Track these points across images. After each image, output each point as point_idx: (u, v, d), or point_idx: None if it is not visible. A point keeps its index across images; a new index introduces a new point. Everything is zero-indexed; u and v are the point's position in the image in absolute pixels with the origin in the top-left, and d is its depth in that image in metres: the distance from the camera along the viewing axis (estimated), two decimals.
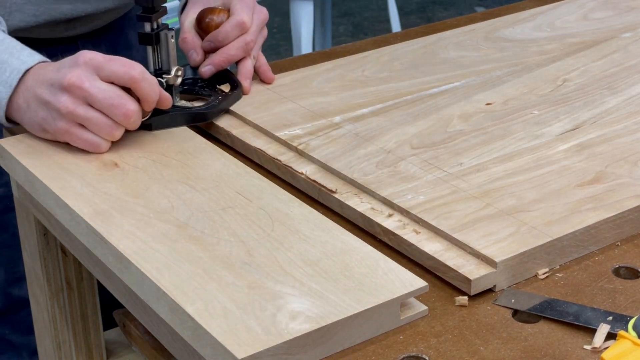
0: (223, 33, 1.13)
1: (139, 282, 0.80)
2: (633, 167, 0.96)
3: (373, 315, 0.76)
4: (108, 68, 0.95)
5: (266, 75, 1.17)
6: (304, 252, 0.82)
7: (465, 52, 1.28)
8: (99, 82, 0.95)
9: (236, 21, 1.13)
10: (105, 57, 0.96)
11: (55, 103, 0.95)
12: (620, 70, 1.20)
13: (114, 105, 0.95)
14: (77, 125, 0.96)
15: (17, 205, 1.10)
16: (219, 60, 1.14)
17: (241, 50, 1.14)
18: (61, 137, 0.98)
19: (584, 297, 0.80)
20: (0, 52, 0.99)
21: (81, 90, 0.95)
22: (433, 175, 0.95)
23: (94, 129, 0.96)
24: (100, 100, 0.95)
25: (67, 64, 0.96)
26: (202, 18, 1.16)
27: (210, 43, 1.14)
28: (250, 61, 1.16)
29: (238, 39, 1.14)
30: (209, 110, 1.08)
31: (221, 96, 1.11)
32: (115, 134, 0.97)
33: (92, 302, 1.14)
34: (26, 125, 1.00)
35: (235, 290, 0.77)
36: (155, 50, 1.08)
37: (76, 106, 0.95)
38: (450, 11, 4.39)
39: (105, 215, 0.87)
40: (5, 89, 0.99)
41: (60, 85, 0.95)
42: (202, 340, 0.73)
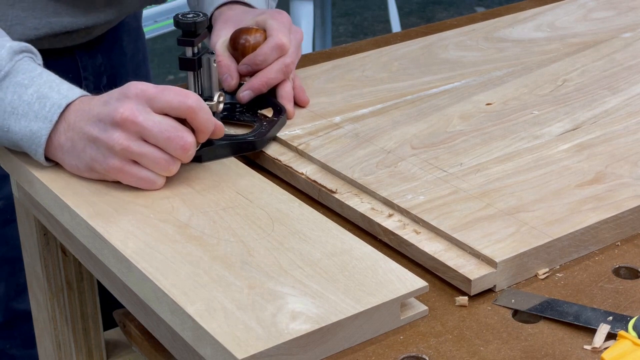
0: (262, 55, 1.07)
1: (140, 282, 0.80)
2: (633, 167, 0.96)
3: (373, 315, 0.76)
4: (162, 99, 0.89)
5: (301, 97, 1.11)
6: (304, 252, 0.82)
7: (465, 52, 1.28)
8: (152, 115, 0.89)
9: (275, 43, 1.07)
10: (158, 88, 0.90)
11: (106, 140, 0.89)
12: (620, 70, 1.20)
13: (171, 139, 0.89)
14: (131, 162, 0.90)
15: (17, 205, 1.10)
16: (258, 85, 1.07)
17: (281, 74, 1.08)
18: (112, 176, 0.91)
19: (584, 297, 0.80)
20: (39, 85, 0.92)
21: (135, 125, 0.88)
22: (433, 175, 0.95)
23: (149, 164, 0.90)
24: (155, 134, 0.88)
25: (115, 97, 0.90)
26: (236, 39, 1.09)
27: (248, 66, 1.08)
28: (289, 84, 1.10)
29: (277, 62, 1.07)
30: (258, 139, 1.01)
31: (266, 122, 1.05)
32: (171, 169, 0.91)
33: (92, 302, 1.14)
34: (69, 166, 0.93)
35: (236, 291, 0.77)
36: (196, 75, 1.02)
37: (130, 142, 0.88)
38: (450, 11, 4.39)
39: (105, 216, 0.87)
40: (45, 124, 0.91)
41: (112, 120, 0.88)
42: (203, 341, 0.73)
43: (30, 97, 0.92)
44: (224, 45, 1.11)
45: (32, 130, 0.91)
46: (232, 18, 1.15)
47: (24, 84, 0.92)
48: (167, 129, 0.89)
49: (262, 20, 1.11)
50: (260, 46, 1.07)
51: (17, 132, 0.92)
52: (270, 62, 1.07)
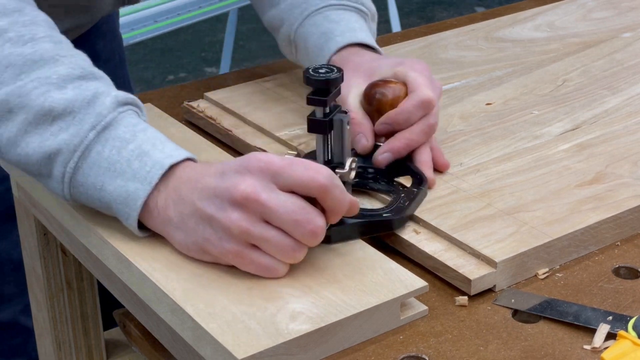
0: (405, 113, 0.93)
1: (139, 282, 0.80)
2: (633, 167, 0.96)
3: (373, 315, 0.76)
4: (289, 174, 0.76)
5: (441, 161, 0.96)
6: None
7: (465, 52, 1.28)
8: (278, 193, 0.76)
9: (421, 99, 0.93)
10: (284, 161, 0.77)
11: (224, 220, 0.76)
12: (620, 70, 1.20)
13: (299, 222, 0.76)
14: (250, 247, 0.77)
15: (17, 205, 1.10)
16: (400, 147, 0.93)
17: (424, 135, 0.94)
18: (227, 260, 0.78)
19: (584, 297, 0.80)
20: (142, 141, 0.81)
21: (257, 204, 0.76)
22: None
23: (272, 250, 0.77)
24: (281, 215, 0.76)
25: (235, 170, 0.78)
26: (371, 93, 0.95)
27: (387, 125, 0.94)
28: (429, 147, 0.95)
29: (420, 122, 0.93)
30: (397, 216, 0.87)
31: (404, 193, 0.90)
32: (297, 256, 0.78)
33: (92, 302, 1.14)
34: (176, 243, 0.81)
35: (236, 291, 0.77)
36: (326, 139, 0.88)
37: (251, 224, 0.76)
38: (450, 11, 4.39)
39: (105, 216, 0.87)
40: (144, 186, 0.80)
41: (230, 197, 0.76)
42: (203, 341, 0.73)
43: (130, 154, 0.81)
44: (356, 100, 0.97)
45: (128, 191, 0.80)
46: (362, 66, 1.00)
47: (125, 139, 0.81)
48: (294, 210, 0.76)
49: (402, 72, 0.96)
50: (401, 102, 0.94)
51: (111, 191, 0.81)
52: (414, 121, 0.93)
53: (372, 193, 0.93)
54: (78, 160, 0.81)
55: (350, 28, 1.04)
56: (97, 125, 0.81)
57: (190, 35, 3.99)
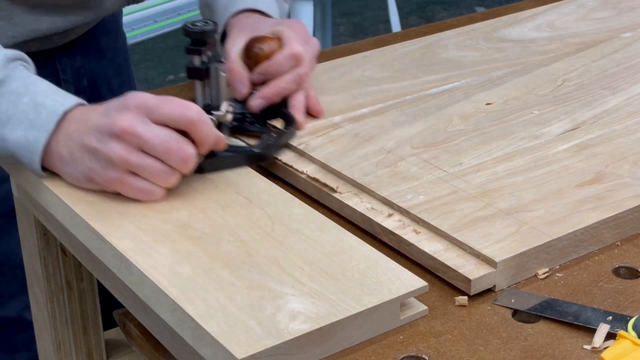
0: (276, 65, 1.05)
1: (139, 282, 0.80)
2: (633, 167, 0.96)
3: (373, 315, 0.76)
4: (162, 110, 0.87)
5: (316, 109, 1.08)
6: (304, 252, 0.82)
7: (465, 52, 1.28)
8: (152, 127, 0.87)
9: (291, 52, 1.05)
10: (158, 99, 0.88)
11: (105, 151, 0.87)
12: (620, 70, 1.20)
13: (171, 150, 0.87)
14: (130, 174, 0.88)
15: (17, 205, 1.10)
16: (271, 94, 1.05)
17: (294, 84, 1.06)
18: (111, 187, 0.89)
19: (584, 297, 0.80)
20: (34, 94, 0.91)
21: (134, 136, 0.86)
22: (433, 175, 0.95)
23: (149, 176, 0.88)
24: (155, 145, 0.87)
25: (115, 108, 0.88)
26: (250, 47, 1.07)
27: (261, 75, 1.06)
28: (302, 94, 1.07)
29: (292, 72, 1.05)
30: (265, 150, 0.99)
31: (275, 133, 1.03)
32: (171, 181, 0.89)
33: (92, 302, 1.14)
34: (68, 176, 0.92)
35: (235, 291, 0.77)
36: (204, 85, 1.01)
37: (129, 153, 0.87)
38: (450, 11, 4.39)
39: (105, 216, 0.87)
40: (42, 133, 0.90)
41: (110, 131, 0.87)
42: (202, 341, 0.73)
43: (26, 106, 0.90)
44: (238, 54, 1.09)
45: (28, 139, 0.90)
46: (247, 26, 1.13)
47: (19, 93, 0.91)
48: (167, 140, 0.87)
49: (279, 30, 1.09)
50: (274, 55, 1.06)
51: (12, 141, 0.91)
52: (284, 72, 1.05)
53: (251, 134, 1.05)
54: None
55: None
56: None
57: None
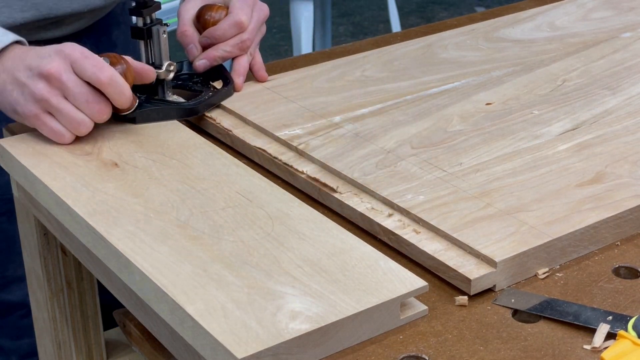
0: (220, 30, 1.14)
1: (139, 282, 0.80)
2: (633, 167, 0.96)
3: (373, 315, 0.76)
4: (81, 65, 0.96)
5: (260, 74, 1.18)
6: (304, 252, 0.82)
7: (465, 52, 1.28)
8: (76, 77, 0.97)
9: (234, 20, 1.14)
10: (83, 53, 0.97)
11: (31, 87, 0.97)
12: (620, 70, 1.20)
13: (89, 102, 0.97)
14: (47, 113, 0.98)
15: (17, 205, 1.10)
16: (214, 55, 1.15)
17: (237, 48, 1.15)
18: (29, 121, 0.99)
19: (584, 297, 0.80)
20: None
21: (58, 82, 0.96)
22: (433, 175, 0.95)
23: (63, 120, 0.98)
24: (75, 94, 0.96)
25: (49, 53, 0.97)
26: (201, 14, 1.17)
27: (207, 39, 1.15)
28: (245, 58, 1.16)
29: (235, 37, 1.14)
30: (196, 105, 1.09)
31: (211, 92, 1.12)
32: (81, 130, 0.99)
33: (92, 302, 1.14)
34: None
35: (235, 290, 0.77)
36: (147, 44, 1.10)
37: (51, 95, 0.96)
38: (450, 11, 4.39)
39: (105, 215, 0.87)
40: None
41: (39, 72, 0.96)
42: (202, 340, 0.73)
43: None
44: (191, 19, 1.17)
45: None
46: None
47: None
48: (87, 92, 0.97)
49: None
50: (219, 22, 1.15)
51: None
52: (228, 38, 1.14)
53: (193, 92, 1.13)
54: None
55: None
56: None
57: None
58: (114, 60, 1.01)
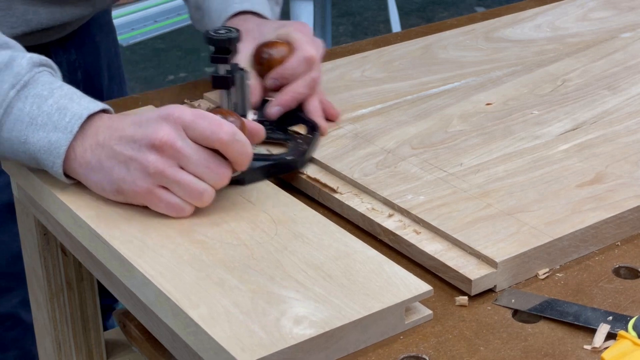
0: (290, 69, 1.04)
1: (142, 286, 0.80)
2: (633, 167, 0.96)
3: (377, 319, 0.75)
4: (196, 127, 0.85)
5: (331, 111, 1.08)
6: (308, 256, 0.82)
7: (465, 52, 1.28)
8: (190, 142, 0.85)
9: (304, 56, 1.04)
10: (193, 114, 0.86)
11: (142, 161, 0.85)
12: (620, 70, 1.20)
13: (210, 169, 0.86)
14: (161, 188, 0.86)
15: (17, 205, 1.10)
16: (287, 100, 1.04)
17: (309, 88, 1.05)
18: (139, 199, 0.87)
19: (584, 297, 0.81)
20: (59, 97, 0.89)
21: (173, 150, 0.85)
22: (433, 175, 0.95)
23: (182, 192, 0.86)
24: (194, 162, 0.85)
25: (153, 119, 0.86)
26: (259, 53, 1.06)
27: (276, 80, 1.05)
28: (317, 98, 1.07)
29: (304, 76, 1.05)
30: (299, 157, 0.98)
31: (300, 139, 1.02)
32: (204, 200, 0.87)
33: (92, 302, 1.14)
34: (93, 185, 0.89)
35: (239, 295, 0.76)
36: (229, 94, 1.01)
37: (166, 166, 0.85)
38: (450, 11, 4.39)
39: (107, 219, 0.87)
40: (65, 135, 0.87)
41: (149, 142, 0.85)
42: (205, 345, 0.73)
43: (50, 108, 0.88)
44: (245, 62, 1.07)
45: (51, 141, 0.88)
46: (250, 31, 1.11)
47: (44, 95, 0.89)
48: (206, 158, 0.86)
49: (285, 34, 1.07)
50: (287, 59, 1.05)
51: (34, 143, 0.88)
52: (298, 76, 1.05)
53: (274, 141, 1.03)
54: (1, 117, 0.88)
55: None
56: (16, 85, 0.88)
57: (190, 35, 3.99)
58: (227, 115, 0.89)
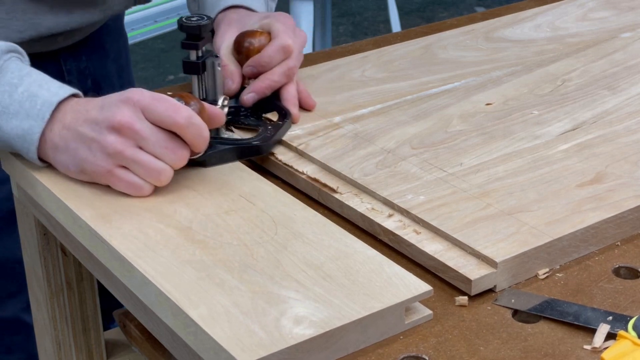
0: (266, 57, 1.06)
1: (142, 286, 0.80)
2: (633, 167, 0.96)
3: (377, 320, 0.75)
4: (154, 110, 0.88)
5: (307, 101, 1.10)
6: (308, 256, 0.82)
7: (465, 52, 1.28)
8: (148, 124, 0.88)
9: (280, 45, 1.06)
10: (152, 98, 0.89)
11: (101, 141, 0.88)
12: (620, 70, 1.20)
13: (168, 149, 0.89)
14: (121, 167, 0.89)
15: (17, 205, 1.10)
16: (262, 87, 1.07)
17: (284, 76, 1.07)
18: (101, 179, 0.90)
19: (584, 297, 0.81)
20: (29, 84, 0.91)
21: (132, 132, 0.88)
22: (433, 175, 0.95)
23: (141, 171, 0.89)
24: (152, 142, 0.88)
25: (114, 102, 0.89)
26: (240, 42, 1.09)
27: (252, 68, 1.07)
28: (293, 87, 1.09)
29: (281, 64, 1.07)
30: (264, 142, 1.00)
31: (271, 126, 1.04)
32: (162, 179, 0.90)
33: (92, 302, 1.14)
34: (60, 165, 0.93)
35: (239, 295, 0.76)
36: (200, 79, 1.02)
37: (125, 147, 0.88)
38: (450, 11, 4.39)
39: (107, 219, 0.87)
40: (38, 122, 0.91)
41: (109, 124, 0.88)
42: (205, 345, 0.73)
43: (21, 96, 0.91)
44: (228, 49, 1.10)
45: (24, 129, 0.91)
46: (235, 21, 1.14)
47: (14, 83, 0.91)
48: (164, 139, 0.88)
49: (267, 24, 1.10)
50: (264, 48, 1.07)
51: (8, 131, 0.91)
52: (275, 64, 1.06)
53: (245, 127, 1.06)
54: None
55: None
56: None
57: None
58: (187, 99, 0.91)
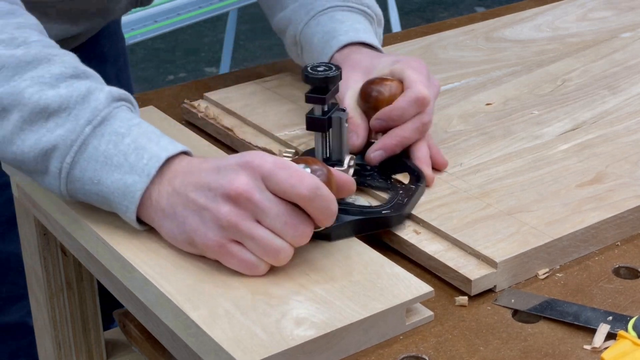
0: (398, 110, 0.93)
1: (143, 287, 0.80)
2: (633, 167, 0.96)
3: (379, 321, 0.75)
4: (276, 178, 0.76)
5: (438, 159, 0.96)
6: (309, 257, 0.81)
7: (465, 52, 1.28)
8: (269, 195, 0.77)
9: (415, 96, 0.93)
10: (275, 164, 0.77)
11: (215, 211, 0.77)
12: (620, 70, 1.20)
13: (288, 225, 0.77)
14: (235, 242, 0.78)
15: (17, 205, 1.10)
16: (392, 145, 0.93)
17: (418, 133, 0.94)
18: (210, 253, 0.79)
19: (584, 297, 0.80)
20: (137, 135, 0.82)
21: (250, 203, 0.76)
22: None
23: (256, 249, 0.77)
24: (272, 217, 0.76)
25: (231, 167, 0.78)
26: (368, 90, 0.95)
27: (381, 122, 0.94)
28: (425, 144, 0.95)
29: (414, 119, 0.93)
30: (395, 213, 0.86)
31: (402, 190, 0.90)
32: (280, 259, 0.78)
33: (92, 302, 1.14)
34: (165, 232, 0.81)
35: (240, 296, 0.76)
36: (325, 136, 0.90)
37: (241, 219, 0.76)
38: (450, 11, 4.39)
39: (108, 220, 0.87)
40: (142, 178, 0.80)
41: (224, 191, 0.77)
42: (206, 346, 0.73)
43: (127, 147, 0.81)
44: (352, 98, 0.97)
45: (127, 183, 0.81)
46: (360, 64, 1.01)
47: (121, 133, 0.82)
48: (284, 213, 0.77)
49: (399, 70, 0.96)
50: (397, 99, 0.94)
51: (108, 185, 0.81)
52: (407, 119, 0.93)
53: (370, 191, 0.92)
54: (75, 155, 0.82)
55: (354, 28, 1.05)
56: (92, 120, 0.82)
57: (190, 35, 3.99)
58: (312, 164, 0.80)
